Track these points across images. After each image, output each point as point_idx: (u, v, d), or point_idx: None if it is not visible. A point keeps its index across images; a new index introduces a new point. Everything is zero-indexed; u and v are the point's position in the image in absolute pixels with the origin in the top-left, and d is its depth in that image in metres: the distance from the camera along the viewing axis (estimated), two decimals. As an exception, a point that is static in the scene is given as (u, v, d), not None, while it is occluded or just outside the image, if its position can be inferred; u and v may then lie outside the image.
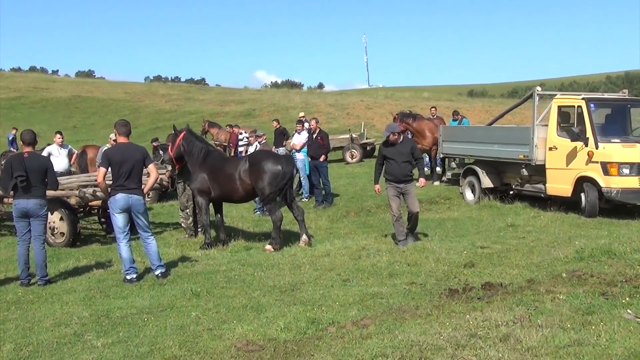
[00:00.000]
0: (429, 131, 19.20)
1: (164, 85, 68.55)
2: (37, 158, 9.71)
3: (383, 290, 7.57)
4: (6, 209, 13.77)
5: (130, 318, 7.09)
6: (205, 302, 7.61)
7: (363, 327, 6.18)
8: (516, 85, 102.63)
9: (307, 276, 8.64)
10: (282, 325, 6.31)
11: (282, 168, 11.32)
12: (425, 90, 69.94)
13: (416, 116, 20.01)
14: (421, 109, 39.11)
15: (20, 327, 7.02)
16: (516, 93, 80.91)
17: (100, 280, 9.30)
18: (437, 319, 6.22)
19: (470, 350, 5.26)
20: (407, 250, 10.04)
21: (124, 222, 9.12)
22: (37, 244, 9.41)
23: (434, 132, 18.99)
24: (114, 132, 9.85)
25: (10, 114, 47.78)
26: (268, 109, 45.84)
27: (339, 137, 27.77)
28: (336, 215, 15.38)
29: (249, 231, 13.51)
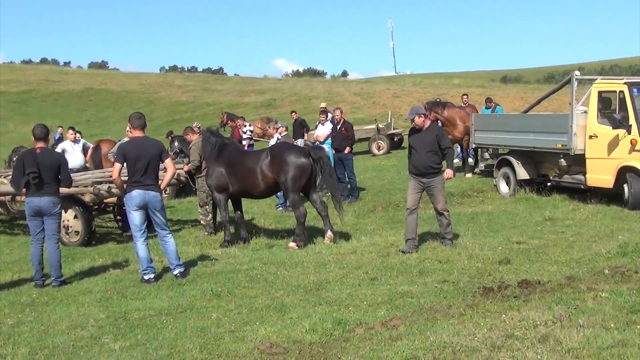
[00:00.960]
0: (460, 120, 19.07)
1: (180, 76, 68.94)
2: (50, 154, 9.81)
3: (413, 289, 7.56)
4: (19, 207, 13.95)
5: (149, 320, 7.15)
6: (226, 302, 7.65)
7: (392, 328, 6.18)
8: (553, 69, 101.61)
9: (332, 275, 8.65)
10: (307, 327, 6.32)
11: (308, 161, 11.33)
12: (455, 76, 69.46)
13: (446, 104, 19.89)
14: (452, 97, 38.92)
15: (35, 329, 7.11)
16: (553, 78, 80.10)
17: (116, 281, 9.40)
18: (471, 319, 6.20)
19: (507, 351, 5.23)
20: (438, 246, 10.00)
21: (141, 220, 9.19)
22: (51, 243, 9.52)
23: (466, 121, 18.86)
24: (128, 126, 9.92)
25: (22, 108, 48.42)
26: (289, 99, 45.91)
27: (364, 128, 27.72)
28: (363, 210, 15.37)
29: (270, 228, 13.55)
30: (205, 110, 44.31)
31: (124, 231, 13.88)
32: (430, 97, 34.90)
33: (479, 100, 29.14)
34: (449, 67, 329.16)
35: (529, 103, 21.05)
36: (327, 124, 17.07)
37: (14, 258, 12.08)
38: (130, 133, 9.82)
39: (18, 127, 40.44)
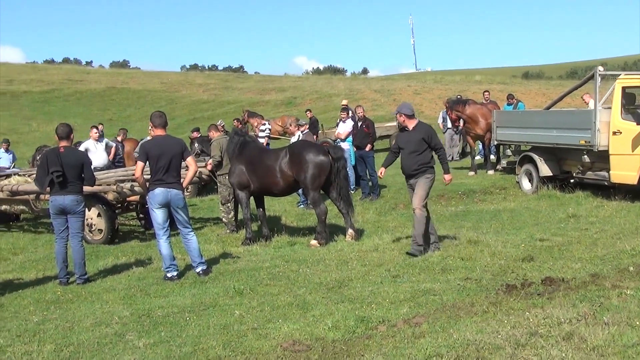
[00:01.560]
0: (482, 117, 18.96)
1: (201, 74, 69.15)
2: (74, 153, 9.89)
3: (436, 287, 7.54)
4: (43, 206, 14.09)
5: (172, 317, 7.20)
6: (248, 300, 7.68)
7: (415, 325, 6.17)
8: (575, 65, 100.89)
9: (355, 272, 8.65)
10: (329, 324, 6.33)
11: (326, 159, 11.33)
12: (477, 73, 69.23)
13: (467, 101, 19.78)
14: (473, 93, 38.73)
15: (60, 327, 7.19)
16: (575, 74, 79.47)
17: (140, 279, 9.47)
18: (495, 317, 6.18)
19: (531, 349, 5.20)
20: (460, 244, 9.97)
21: (164, 218, 9.25)
22: (75, 241, 9.61)
23: (488, 117, 18.75)
24: (150, 125, 9.98)
25: (45, 108, 48.86)
26: (310, 97, 45.92)
27: (385, 125, 27.67)
28: (384, 207, 15.35)
29: (292, 225, 13.58)
30: (226, 108, 44.43)
31: (147, 229, 13.98)
32: (451, 94, 34.78)
33: (501, 96, 28.96)
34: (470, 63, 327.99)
35: (551, 99, 20.89)
36: (348, 121, 17.06)
37: (39, 256, 12.22)
38: (152, 132, 9.88)
39: (41, 126, 40.77)
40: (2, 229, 15.54)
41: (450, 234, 10.85)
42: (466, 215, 13.86)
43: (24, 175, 15.14)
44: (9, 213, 15.41)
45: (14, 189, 13.84)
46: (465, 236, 10.53)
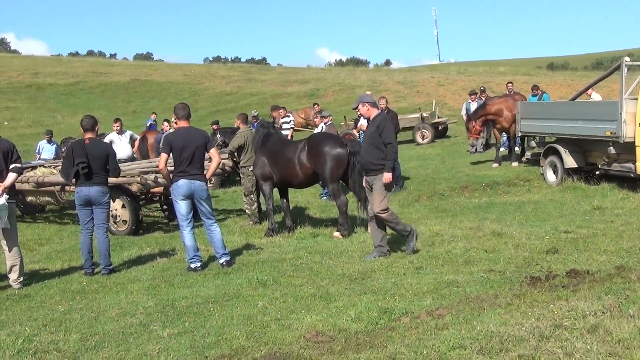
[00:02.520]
0: (507, 109, 18.83)
1: (223, 66, 69.37)
2: (99, 144, 9.98)
3: (459, 279, 7.52)
4: (68, 197, 14.23)
5: (196, 308, 7.25)
6: (272, 291, 7.71)
7: (438, 317, 6.16)
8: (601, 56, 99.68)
9: (377, 264, 8.65)
10: (352, 315, 6.34)
11: (344, 151, 11.30)
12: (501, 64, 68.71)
13: (484, 104, 19.50)
14: (497, 85, 38.53)
15: (86, 317, 7.27)
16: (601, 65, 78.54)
17: (164, 269, 9.54)
18: (518, 309, 6.15)
19: (555, 341, 5.17)
20: (484, 236, 9.92)
21: (187, 209, 9.30)
22: (100, 232, 9.70)
23: (512, 109, 18.63)
24: (173, 117, 10.04)
25: (69, 100, 49.30)
26: (333, 89, 45.90)
27: (408, 117, 27.63)
28: (407, 199, 15.31)
29: (315, 217, 13.60)
30: (249, 100, 44.56)
31: (171, 220, 14.07)
32: (474, 85, 34.57)
33: (525, 88, 28.74)
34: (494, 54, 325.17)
35: (576, 90, 20.67)
36: (372, 112, 16.99)
37: (64, 247, 12.35)
38: (176, 123, 9.93)
39: (66, 119, 41.16)
40: (28, 220, 15.73)
41: (473, 226, 10.80)
42: (490, 207, 13.78)
43: (50, 167, 15.30)
44: (35, 204, 15.58)
45: (39, 181, 13.98)
46: (488, 228, 10.48)
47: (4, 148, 8.97)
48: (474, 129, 18.94)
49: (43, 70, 59.43)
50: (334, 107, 36.00)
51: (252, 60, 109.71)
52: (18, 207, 14.29)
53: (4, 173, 8.89)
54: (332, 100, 42.40)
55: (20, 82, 54.24)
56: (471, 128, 18.95)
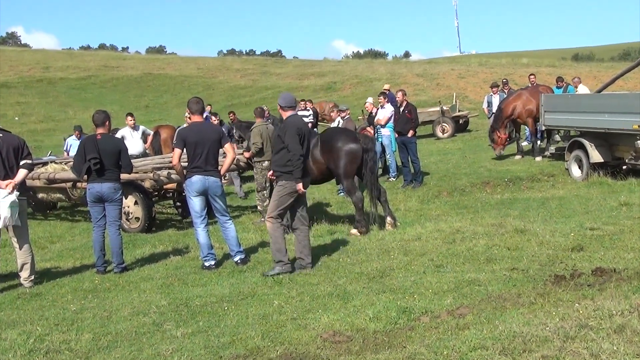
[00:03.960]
0: (522, 105, 18.76)
1: (238, 59, 69.45)
2: (111, 140, 10.02)
3: (481, 277, 7.48)
4: (80, 194, 14.32)
5: (210, 307, 7.27)
6: (287, 289, 7.72)
7: (459, 316, 6.13)
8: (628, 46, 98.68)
9: (396, 262, 8.63)
10: (370, 315, 6.33)
11: (357, 146, 11.28)
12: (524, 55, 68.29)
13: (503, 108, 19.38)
14: (519, 77, 38.29)
15: (98, 316, 7.32)
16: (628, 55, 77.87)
17: (177, 267, 9.58)
18: (542, 308, 6.11)
19: (581, 342, 5.14)
20: (506, 233, 9.86)
21: (201, 206, 9.33)
22: (113, 229, 9.75)
23: (527, 103, 18.58)
24: (187, 111, 10.07)
25: (81, 95, 49.56)
26: (350, 82, 45.82)
27: (428, 110, 27.55)
28: (427, 195, 15.29)
29: (332, 214, 13.60)
30: (264, 94, 44.58)
31: (184, 217, 14.12)
32: (496, 77, 34.39)
33: (549, 80, 28.57)
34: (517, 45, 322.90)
35: (602, 82, 20.52)
36: (388, 106, 16.97)
37: (76, 245, 12.44)
38: (189, 118, 9.96)
39: (78, 114, 41.35)
40: (40, 218, 15.86)
41: (495, 223, 10.74)
42: (512, 203, 13.72)
43: (61, 163, 15.40)
44: (46, 201, 15.69)
45: (50, 177, 14.08)
46: (511, 225, 10.41)
47: (14, 144, 9.03)
48: (499, 139, 18.82)
49: (54, 65, 59.76)
50: (352, 101, 35.90)
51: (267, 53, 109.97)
52: (29, 204, 14.39)
53: (15, 169, 8.95)
54: (349, 93, 42.31)
55: (31, 76, 54.59)
56: (497, 139, 18.81)
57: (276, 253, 8.70)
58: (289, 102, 9.07)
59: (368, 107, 18.82)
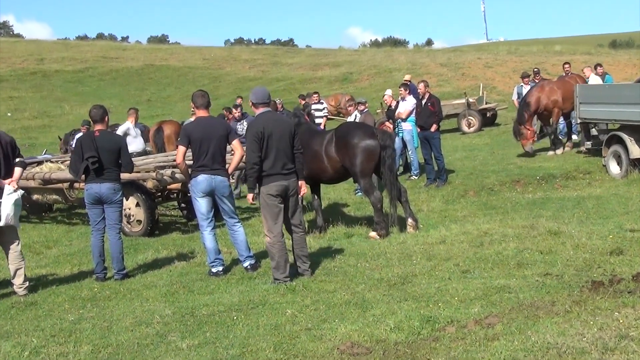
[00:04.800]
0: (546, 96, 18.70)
1: (246, 49, 69.56)
2: (110, 137, 10.06)
3: (511, 283, 7.46)
4: (77, 195, 14.38)
5: (218, 316, 7.29)
6: (301, 297, 7.73)
7: (488, 326, 6.12)
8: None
9: (419, 267, 8.62)
10: (391, 325, 6.33)
11: (374, 142, 11.24)
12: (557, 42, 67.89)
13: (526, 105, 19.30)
14: (552, 65, 38.17)
15: (98, 326, 7.35)
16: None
17: (182, 274, 9.62)
18: (579, 317, 6.08)
19: (621, 354, 5.12)
20: (538, 235, 9.83)
21: (208, 208, 9.34)
22: (113, 233, 9.79)
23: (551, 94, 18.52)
24: (192, 105, 10.08)
25: (78, 88, 49.82)
26: (368, 72, 45.81)
27: (452, 103, 27.52)
28: (452, 195, 15.26)
29: (349, 215, 13.60)
30: (275, 86, 44.62)
31: (189, 220, 14.17)
32: (527, 66, 34.28)
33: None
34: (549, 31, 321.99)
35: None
36: (409, 98, 16.95)
37: (73, 250, 12.50)
38: (194, 113, 9.97)
39: (74, 109, 41.54)
40: (34, 221, 15.96)
41: (527, 224, 10.70)
42: (545, 203, 13.67)
43: (57, 162, 15.47)
44: (42, 203, 15.77)
45: (46, 177, 14.14)
46: (544, 226, 10.36)
47: (11, 142, 9.12)
48: (529, 133, 18.68)
49: (49, 56, 60.09)
50: (369, 93, 35.90)
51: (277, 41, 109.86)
52: (23, 207, 14.45)
53: (11, 168, 9.01)
54: (367, 85, 42.32)
55: (24, 69, 54.93)
56: (525, 133, 18.65)
57: (273, 271, 8.68)
58: (261, 97, 8.89)
59: (387, 100, 18.79)
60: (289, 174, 8.69)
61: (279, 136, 8.60)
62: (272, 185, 8.55)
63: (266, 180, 8.55)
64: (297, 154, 8.84)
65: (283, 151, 8.63)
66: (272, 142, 8.53)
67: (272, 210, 8.60)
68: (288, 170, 8.68)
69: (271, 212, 8.61)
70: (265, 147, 8.49)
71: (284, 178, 8.62)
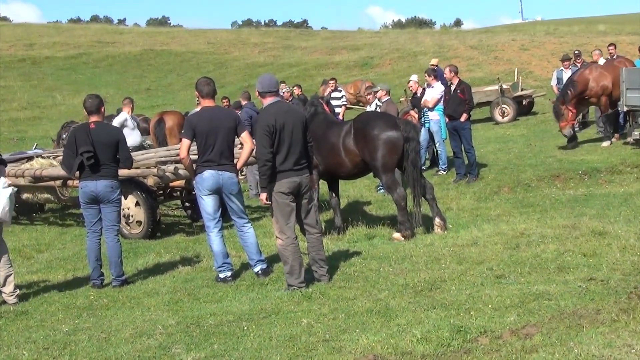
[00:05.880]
0: (594, 81, 18.60)
1: (256, 32, 69.60)
2: (107, 129, 10.08)
3: (551, 289, 7.44)
4: (71, 194, 14.43)
5: (226, 326, 7.31)
6: (318, 306, 7.74)
7: (525, 337, 6.11)
8: None
9: (448, 272, 8.61)
10: (418, 335, 6.32)
11: (397, 134, 11.20)
12: (600, 21, 67.48)
13: (571, 87, 19.20)
14: (595, 47, 37.88)
15: (95, 337, 7.38)
16: None
17: (187, 280, 9.65)
18: (626, 327, 6.06)
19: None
20: (581, 236, 9.79)
21: (215, 207, 9.35)
22: (110, 235, 9.82)
23: (599, 80, 18.41)
24: (196, 94, 10.06)
25: (71, 76, 50.01)
26: (390, 56, 45.72)
27: (484, 90, 27.37)
28: (484, 191, 15.23)
29: (370, 214, 13.60)
30: (288, 72, 44.63)
31: (195, 221, 14.20)
32: (567, 48, 34.12)
33: (632, 50, 28.25)
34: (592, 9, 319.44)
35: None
36: (437, 85, 16.93)
37: (67, 254, 12.56)
38: (199, 103, 9.95)
39: (67, 99, 41.76)
40: (24, 222, 16.04)
41: (568, 224, 10.67)
42: (589, 200, 13.62)
43: (49, 158, 15.53)
44: (32, 203, 15.83)
45: (36, 174, 14.19)
46: (587, 226, 10.32)
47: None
48: (570, 115, 18.48)
49: (39, 41, 60.34)
50: (392, 79, 35.87)
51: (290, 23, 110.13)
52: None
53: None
54: (389, 70, 42.26)
55: (12, 55, 55.17)
56: (567, 114, 18.46)
57: (287, 276, 8.68)
58: (269, 85, 8.81)
59: (412, 87, 18.75)
60: (301, 170, 8.69)
61: (290, 129, 8.56)
62: (283, 182, 8.54)
63: (277, 177, 8.54)
64: (309, 147, 8.85)
65: (295, 145, 8.61)
66: (283, 135, 8.51)
67: (283, 209, 8.60)
68: (300, 166, 8.68)
69: (282, 211, 8.61)
70: (277, 141, 8.47)
71: (296, 174, 8.61)
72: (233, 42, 59.83)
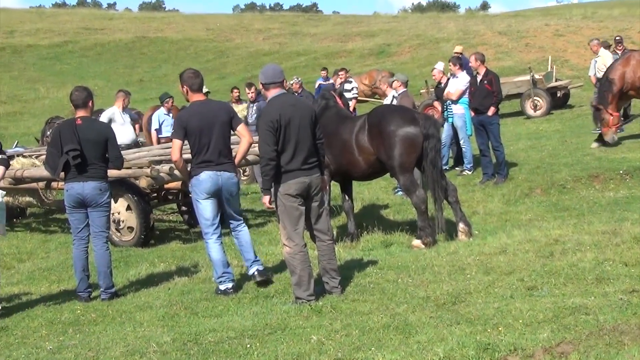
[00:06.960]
0: (632, 71, 18.54)
1: (260, 17, 69.75)
2: (95, 125, 10.06)
3: (588, 302, 7.43)
4: (55, 197, 14.46)
5: (227, 344, 7.31)
6: (329, 321, 7.73)
7: (560, 355, 6.10)
8: None
9: (474, 283, 8.60)
10: (440, 354, 6.32)
11: (415, 130, 11.16)
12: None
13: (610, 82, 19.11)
14: (639, 33, 37.83)
15: (82, 356, 7.39)
16: None
17: (184, 292, 9.65)
18: (673, 344, 6.05)
19: None
20: (622, 243, 9.77)
21: (213, 211, 9.34)
22: (99, 243, 9.82)
23: (637, 70, 18.35)
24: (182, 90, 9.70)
25: (55, 66, 50.22)
26: (409, 43, 45.77)
27: (514, 80, 27.36)
28: (514, 193, 15.21)
29: (387, 219, 13.60)
30: (295, 61, 44.74)
31: (192, 226, 14.22)
32: (606, 33, 34.06)
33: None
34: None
35: None
36: (462, 75, 16.91)
37: (51, 263, 12.58)
38: (187, 99, 9.69)
39: (51, 92, 41.93)
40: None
41: (608, 230, 10.65)
42: (630, 203, 13.59)
43: (31, 157, 15.55)
44: (12, 207, 15.85)
45: (17, 176, 14.16)
46: (629, 232, 10.29)
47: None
48: (612, 119, 18.28)
49: (20, 28, 60.59)
50: (412, 69, 35.91)
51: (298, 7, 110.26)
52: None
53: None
54: (408, 59, 42.30)
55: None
56: (608, 119, 18.27)
57: (294, 288, 8.65)
58: (273, 76, 8.72)
59: (436, 76, 18.63)
60: (310, 169, 8.62)
61: (298, 124, 8.49)
62: (291, 183, 8.48)
63: (284, 178, 8.48)
64: (319, 144, 8.81)
65: (303, 142, 8.55)
66: (290, 131, 8.44)
67: (291, 213, 8.55)
68: (310, 165, 8.61)
69: (290, 216, 8.56)
70: (283, 138, 8.41)
71: (305, 174, 8.54)
72: (235, 28, 59.99)
